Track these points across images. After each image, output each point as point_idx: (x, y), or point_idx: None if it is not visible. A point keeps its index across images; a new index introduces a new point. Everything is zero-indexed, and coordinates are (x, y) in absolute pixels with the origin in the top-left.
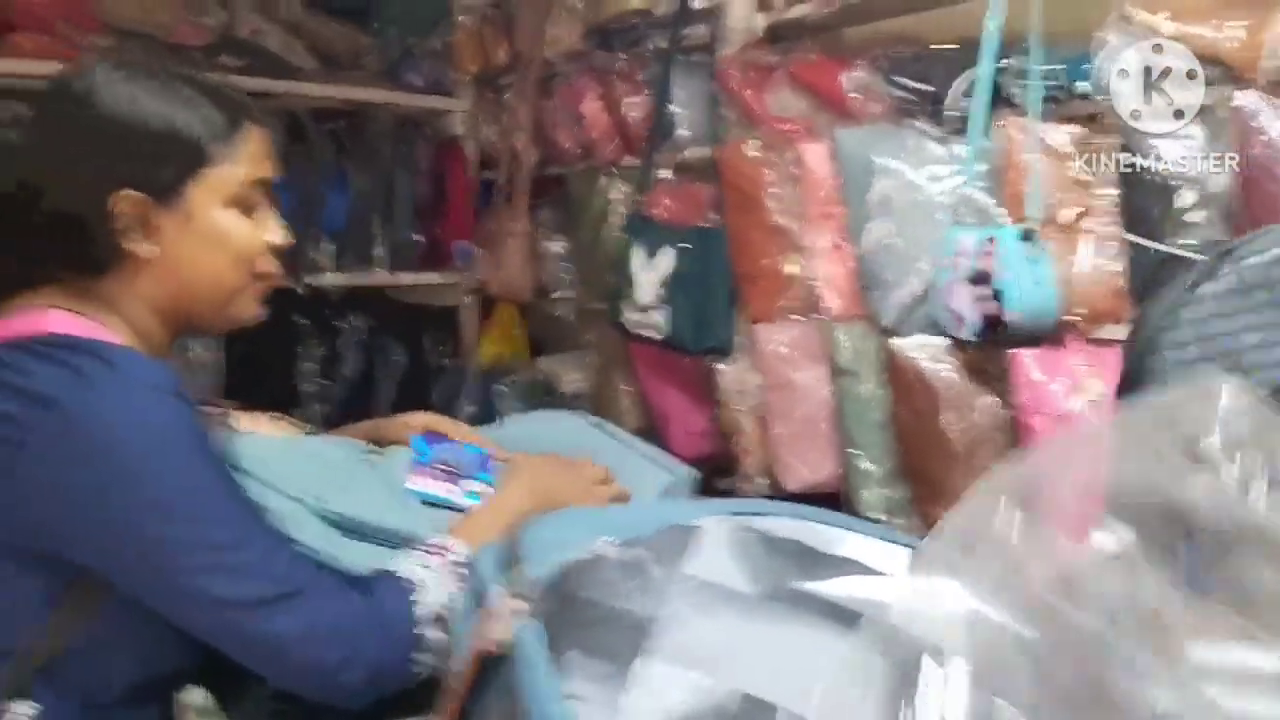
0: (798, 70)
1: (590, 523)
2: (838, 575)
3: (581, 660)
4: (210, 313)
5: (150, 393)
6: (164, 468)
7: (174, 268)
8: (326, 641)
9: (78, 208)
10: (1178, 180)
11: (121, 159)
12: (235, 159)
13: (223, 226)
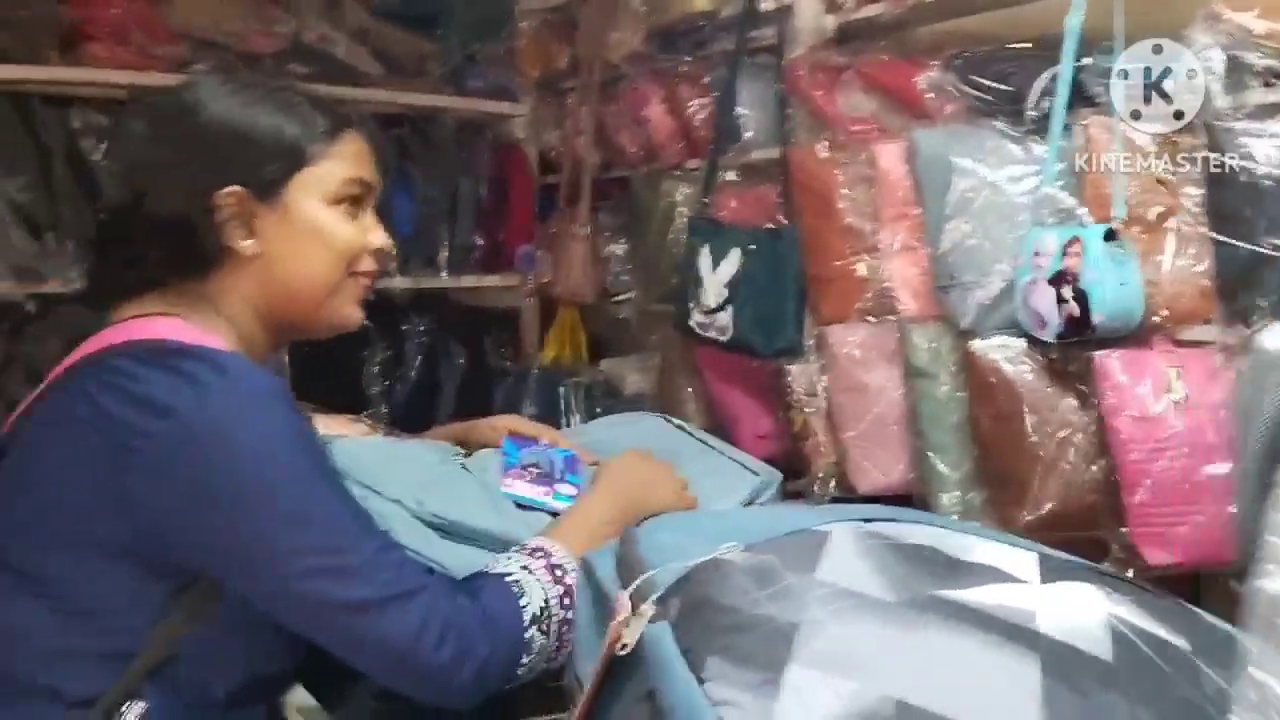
0: (870, 70)
1: (708, 528)
2: (979, 583)
3: (725, 667)
4: (309, 311)
5: (263, 399)
6: (278, 473)
7: (274, 263)
8: (438, 641)
9: (183, 207)
10: (1269, 179)
11: (224, 158)
12: (336, 159)
13: (321, 223)
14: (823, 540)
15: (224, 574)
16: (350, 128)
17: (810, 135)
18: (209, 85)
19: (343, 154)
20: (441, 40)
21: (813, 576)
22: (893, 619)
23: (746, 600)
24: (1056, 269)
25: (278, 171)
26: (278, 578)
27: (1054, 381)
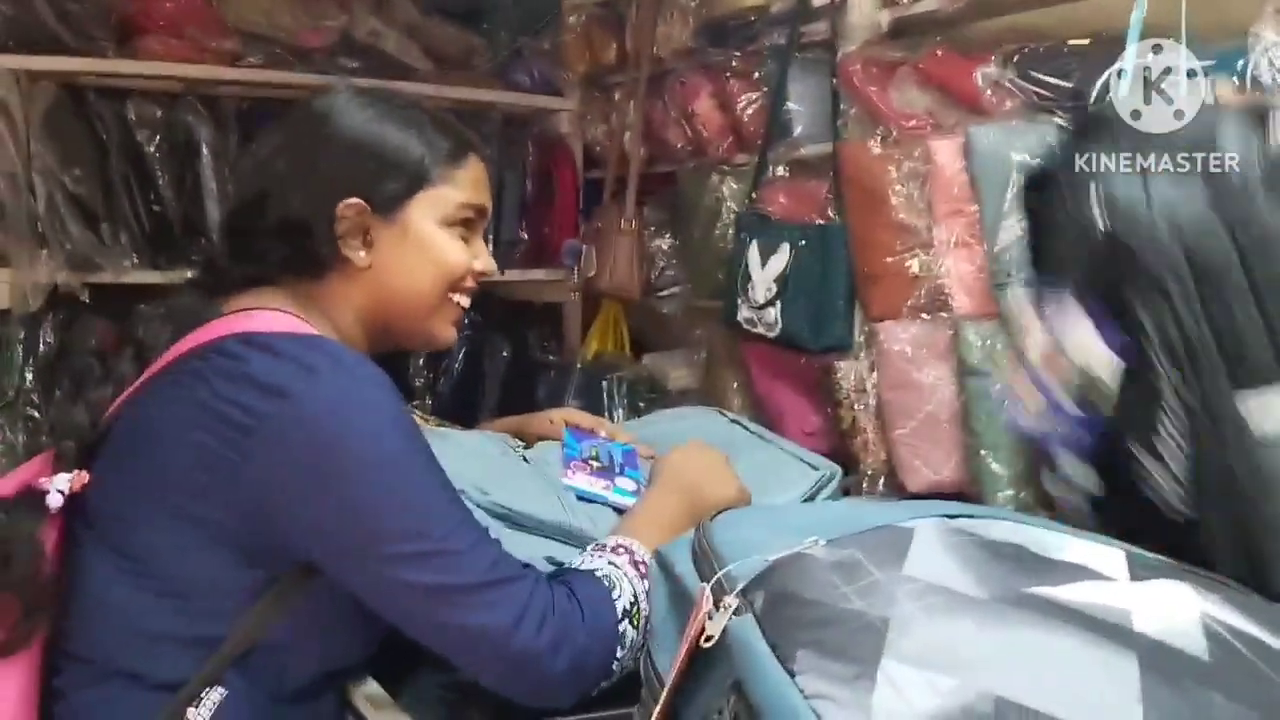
0: (925, 66)
1: (785, 523)
2: (1070, 580)
3: (817, 660)
4: (409, 326)
5: (373, 386)
6: (386, 457)
7: (384, 276)
8: (538, 627)
9: (306, 213)
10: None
11: (351, 171)
12: (456, 183)
13: (435, 242)
14: (908, 536)
15: (325, 557)
16: (472, 152)
17: (863, 131)
18: (344, 96)
19: (463, 179)
20: (489, 35)
21: (900, 572)
22: (986, 615)
23: (834, 594)
24: None
25: (400, 189)
26: (380, 560)
27: None
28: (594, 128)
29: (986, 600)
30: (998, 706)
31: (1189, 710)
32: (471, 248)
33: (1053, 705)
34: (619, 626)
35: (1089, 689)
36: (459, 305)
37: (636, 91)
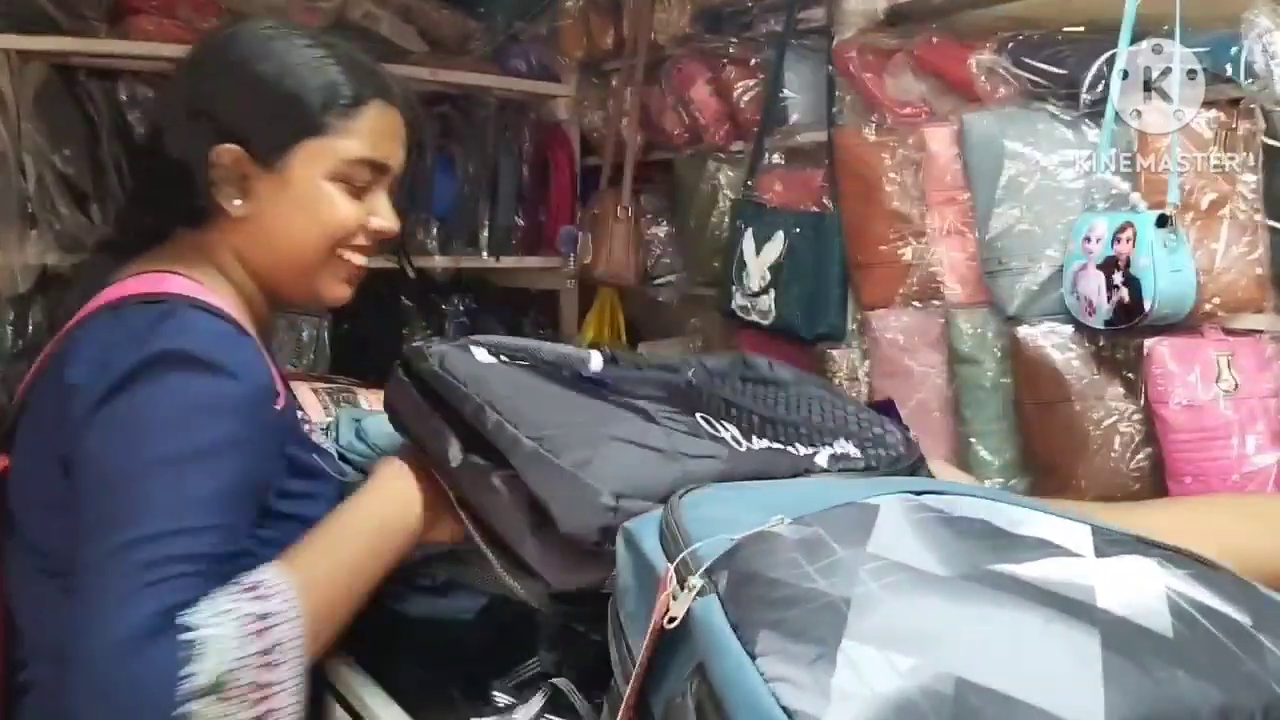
0: (921, 53)
1: (753, 500)
2: (1034, 557)
3: (778, 641)
4: (292, 284)
5: (185, 362)
6: (149, 448)
7: (263, 229)
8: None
9: (186, 156)
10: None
11: (232, 113)
12: (350, 134)
13: (318, 198)
14: (872, 513)
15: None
16: (379, 98)
17: (858, 118)
18: (247, 33)
19: (359, 130)
20: (485, 19)
21: (864, 550)
22: (948, 593)
23: (796, 573)
24: (1107, 255)
25: (282, 137)
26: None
27: (1101, 368)
28: (591, 114)
29: (950, 578)
30: (958, 687)
31: (1152, 687)
32: (368, 204)
33: (1012, 684)
34: (180, 709)
35: (1050, 668)
36: (350, 263)
37: (634, 78)
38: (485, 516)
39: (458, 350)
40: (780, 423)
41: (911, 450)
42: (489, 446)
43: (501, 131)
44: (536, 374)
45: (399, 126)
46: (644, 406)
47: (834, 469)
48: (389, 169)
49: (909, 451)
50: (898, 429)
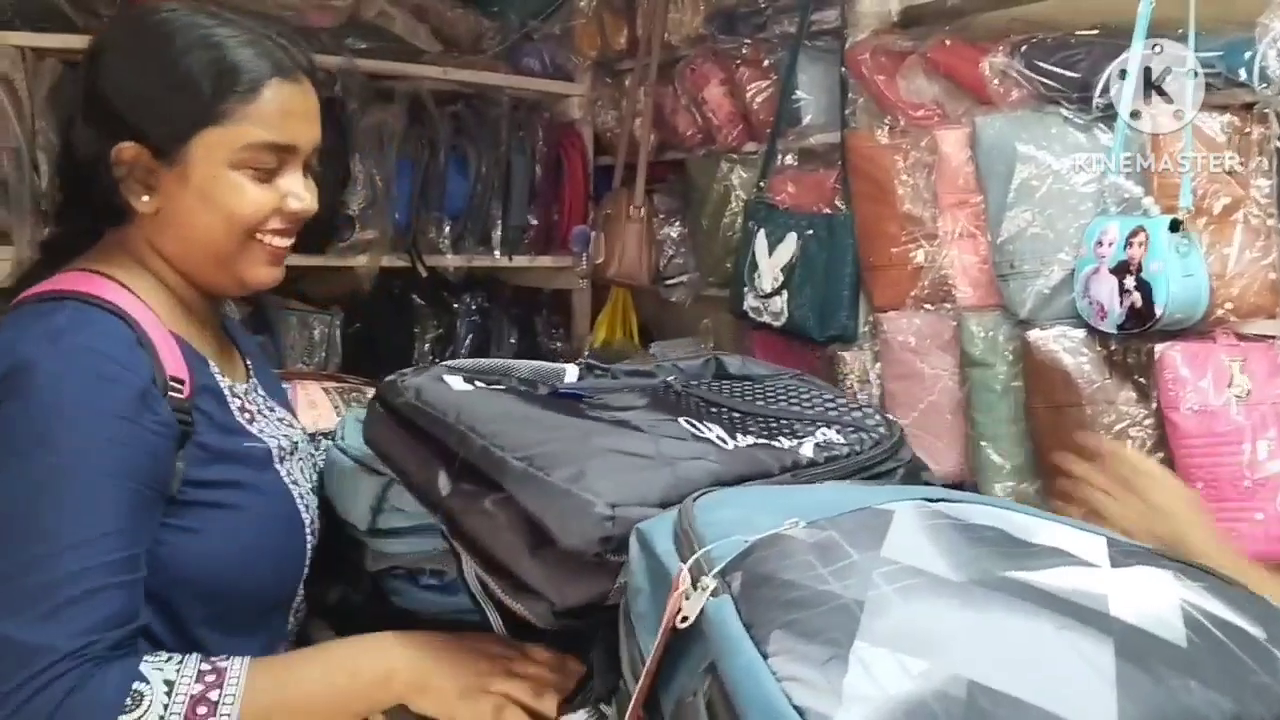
0: (934, 55)
1: (767, 504)
2: (1048, 565)
3: (790, 642)
4: (213, 274)
5: (56, 375)
6: (27, 444)
7: (170, 224)
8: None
9: (88, 154)
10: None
11: (127, 108)
12: (249, 119)
13: (222, 189)
14: (887, 518)
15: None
16: (278, 76)
17: (870, 120)
18: (141, 21)
19: (258, 114)
20: (499, 18)
21: (877, 554)
22: (961, 598)
23: (810, 576)
24: (1120, 259)
25: (178, 130)
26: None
27: (1113, 373)
28: (604, 114)
29: (963, 583)
30: (970, 690)
31: (1164, 696)
32: (280, 185)
33: (1025, 690)
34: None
35: (1062, 674)
36: (270, 246)
37: (647, 77)
38: (480, 542)
39: (432, 381)
40: (760, 416)
41: (892, 429)
42: (477, 472)
43: (515, 131)
44: (514, 395)
45: (306, 100)
46: (626, 417)
47: (820, 458)
48: (296, 148)
49: (890, 431)
50: (875, 410)
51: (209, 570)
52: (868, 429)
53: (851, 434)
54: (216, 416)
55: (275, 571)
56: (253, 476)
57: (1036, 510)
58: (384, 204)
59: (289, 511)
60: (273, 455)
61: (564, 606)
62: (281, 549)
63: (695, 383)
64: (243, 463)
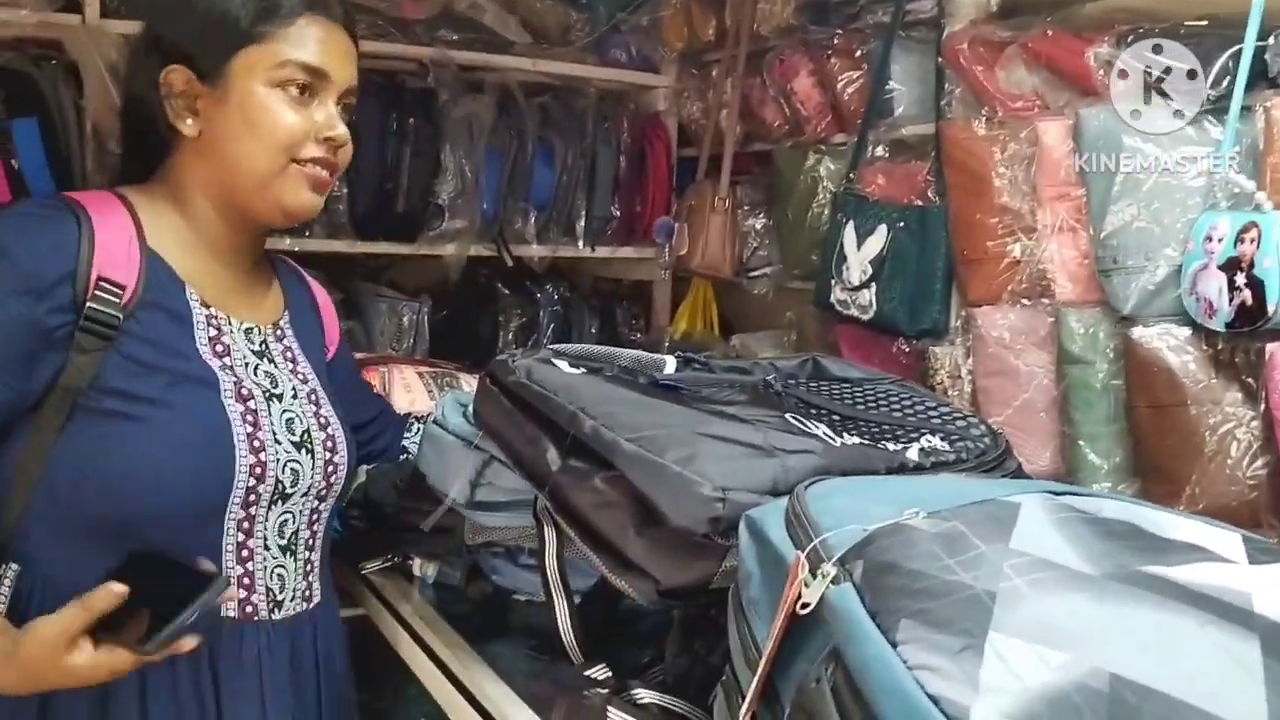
0: (1035, 45)
1: (884, 494)
2: (1187, 561)
3: (921, 631)
4: (252, 196)
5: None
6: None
7: (215, 146)
8: None
9: (141, 88)
10: None
11: (173, 35)
12: (286, 41)
13: (260, 107)
14: (1013, 510)
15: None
16: (310, 12)
17: (967, 111)
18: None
19: (298, 38)
20: (587, 9)
21: (1006, 546)
22: (1097, 592)
23: (936, 566)
24: (1229, 255)
25: (220, 50)
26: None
27: (1219, 372)
28: (690, 105)
29: (1098, 577)
30: (1112, 683)
31: None
32: (310, 112)
33: (1170, 684)
34: None
35: (1210, 670)
36: (312, 174)
37: (734, 68)
38: (587, 518)
39: (540, 364)
40: (863, 420)
41: (998, 441)
42: (588, 450)
43: (600, 122)
44: (617, 382)
45: (341, 40)
46: (731, 410)
47: (926, 463)
48: (329, 76)
49: (995, 443)
50: (979, 420)
51: (116, 476)
52: (973, 439)
53: (957, 442)
54: (160, 335)
55: (182, 494)
56: (178, 398)
57: (1162, 506)
58: (472, 194)
59: (214, 439)
60: (220, 386)
61: (668, 586)
62: (194, 474)
63: (794, 382)
64: (170, 383)
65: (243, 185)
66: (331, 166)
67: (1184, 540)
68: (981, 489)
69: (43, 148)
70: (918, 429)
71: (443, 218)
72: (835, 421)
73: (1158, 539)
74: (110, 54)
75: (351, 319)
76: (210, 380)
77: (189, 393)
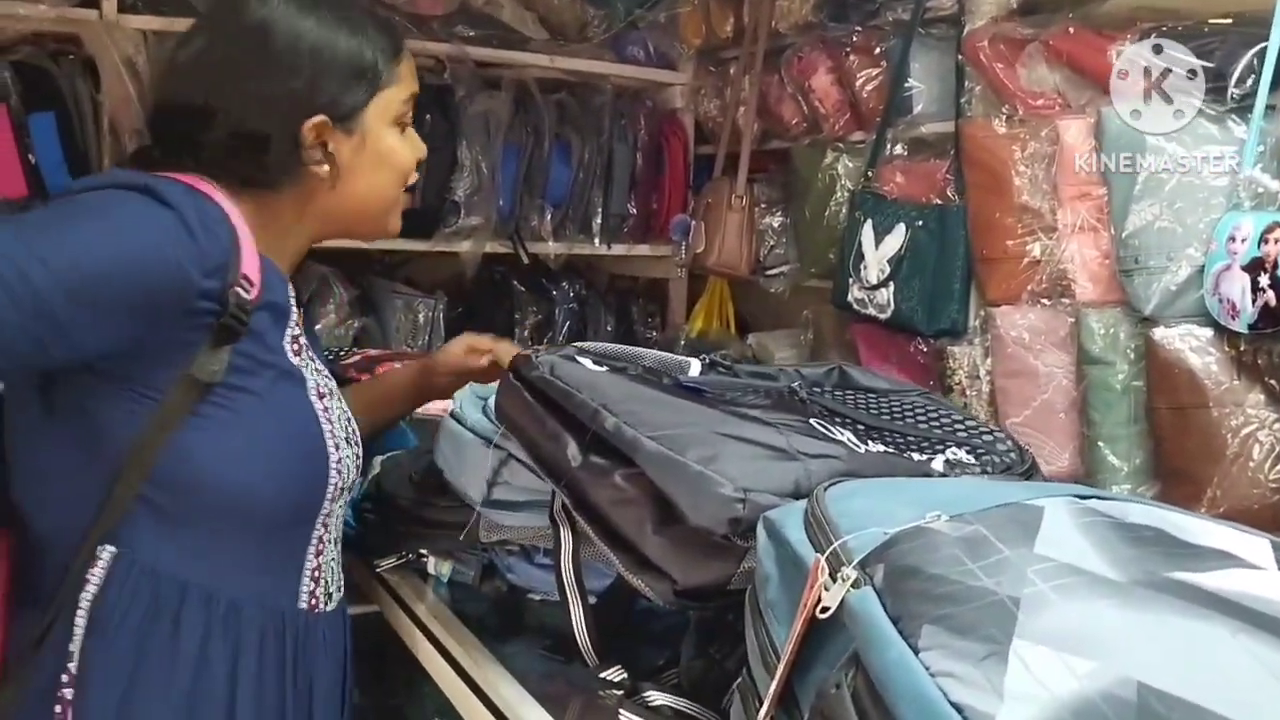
0: (1056, 43)
1: (903, 495)
2: (1215, 567)
3: (944, 637)
4: (367, 226)
5: (137, 207)
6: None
7: (346, 186)
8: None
9: (266, 130)
10: None
11: (309, 85)
12: (399, 79)
13: (389, 145)
14: (1037, 514)
15: None
16: (404, 43)
17: (987, 109)
18: (276, 3)
19: (403, 74)
20: (605, 6)
21: (1030, 550)
22: (1125, 598)
23: (959, 571)
24: (1253, 255)
25: (358, 99)
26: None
27: (1242, 374)
28: (707, 102)
29: (1125, 583)
30: (1140, 693)
31: None
32: (411, 139)
33: (1200, 694)
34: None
35: (1240, 679)
36: (407, 196)
37: (752, 66)
38: (606, 515)
39: (565, 360)
40: (889, 430)
41: (1024, 457)
42: (609, 447)
43: (617, 119)
44: (642, 381)
45: (412, 58)
46: (755, 414)
47: (951, 475)
48: (416, 99)
49: (1022, 459)
50: (1006, 435)
51: (228, 472)
52: (999, 453)
53: (983, 455)
54: (268, 336)
55: (287, 492)
56: (281, 397)
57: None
58: (489, 191)
59: (312, 439)
60: (307, 385)
61: (686, 586)
62: (298, 472)
63: (819, 390)
64: (274, 381)
65: (368, 216)
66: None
67: (1212, 546)
68: (1004, 492)
69: (60, 142)
70: (943, 441)
71: (459, 214)
72: (860, 430)
73: (1185, 544)
74: (127, 49)
75: (367, 315)
76: (299, 377)
77: (288, 391)
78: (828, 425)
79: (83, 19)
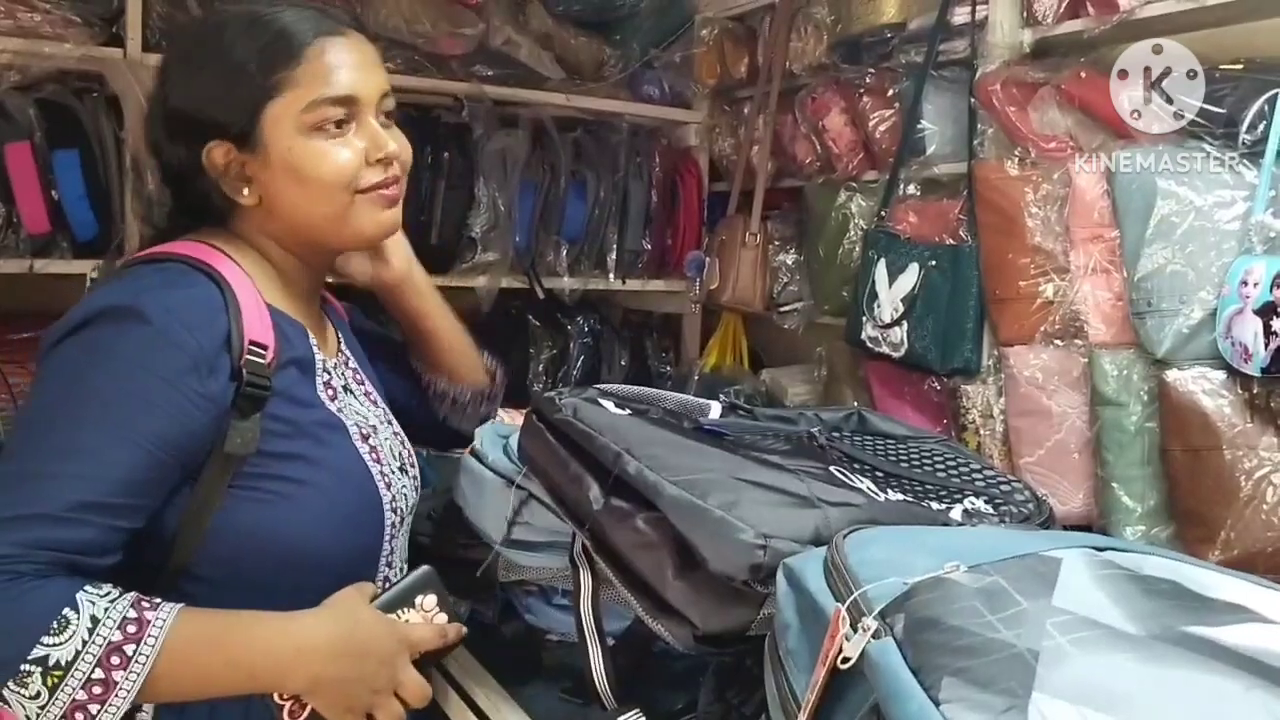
0: (1069, 87)
1: (922, 544)
2: (1231, 622)
3: (964, 690)
4: (329, 240)
5: (135, 319)
6: (64, 375)
7: (275, 206)
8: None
9: (184, 165)
10: None
11: (201, 113)
12: (301, 82)
13: (300, 158)
14: (1054, 566)
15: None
16: (320, 37)
17: (1000, 151)
18: (183, 30)
19: (314, 74)
20: (620, 45)
21: (1049, 603)
22: (1142, 653)
23: (978, 623)
24: (1265, 300)
25: (245, 113)
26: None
27: (1255, 417)
28: (721, 141)
29: (1142, 637)
30: None
31: None
32: (355, 141)
33: None
34: (21, 665)
35: None
36: (379, 194)
37: (766, 105)
38: (627, 558)
39: (588, 403)
40: (907, 479)
41: (1041, 508)
42: (630, 491)
43: (633, 157)
44: (663, 424)
45: (357, 51)
46: (775, 459)
47: (969, 525)
48: (356, 99)
49: (1039, 509)
50: (1024, 485)
51: (281, 539)
52: (1016, 503)
53: (1001, 505)
54: (296, 391)
55: (345, 544)
56: (326, 452)
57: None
58: (506, 227)
59: (363, 485)
60: (348, 431)
61: (707, 631)
62: (354, 522)
63: (838, 435)
64: (316, 438)
65: (317, 232)
66: (394, 180)
67: (1228, 600)
68: (1021, 542)
69: (83, 179)
70: (961, 490)
71: (476, 250)
72: (879, 477)
73: (1201, 598)
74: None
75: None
76: (339, 425)
77: (331, 443)
78: (847, 472)
79: (107, 57)
